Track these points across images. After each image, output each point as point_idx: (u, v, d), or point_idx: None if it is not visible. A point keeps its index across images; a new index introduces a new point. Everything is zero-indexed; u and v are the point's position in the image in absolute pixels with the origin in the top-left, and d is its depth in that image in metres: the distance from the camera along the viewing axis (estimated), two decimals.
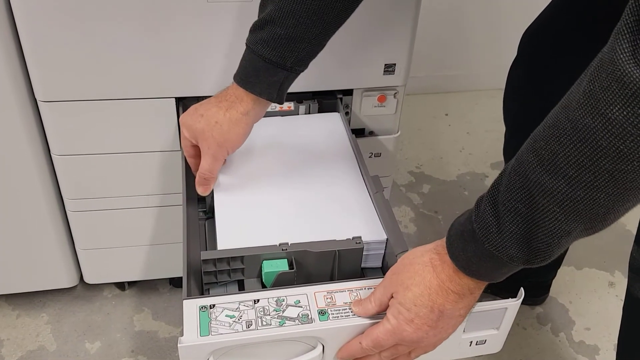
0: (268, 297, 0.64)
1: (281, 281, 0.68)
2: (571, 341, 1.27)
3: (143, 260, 1.19)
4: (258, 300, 0.64)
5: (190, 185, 0.83)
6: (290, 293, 0.65)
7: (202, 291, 0.71)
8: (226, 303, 0.63)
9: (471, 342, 0.68)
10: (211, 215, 0.82)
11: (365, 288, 0.66)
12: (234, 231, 0.74)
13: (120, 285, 1.29)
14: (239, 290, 0.71)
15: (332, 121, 0.98)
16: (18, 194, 1.04)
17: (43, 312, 1.24)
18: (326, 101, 1.01)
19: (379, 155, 1.12)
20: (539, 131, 0.49)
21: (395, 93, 1.05)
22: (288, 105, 0.98)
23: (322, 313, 0.63)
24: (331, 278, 0.72)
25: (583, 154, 0.45)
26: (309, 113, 1.00)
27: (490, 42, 1.98)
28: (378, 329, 0.60)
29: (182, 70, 0.93)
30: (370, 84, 1.03)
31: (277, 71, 0.74)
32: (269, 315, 0.62)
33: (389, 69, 1.01)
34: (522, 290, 0.65)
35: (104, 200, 1.07)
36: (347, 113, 1.05)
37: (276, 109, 0.98)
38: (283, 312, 0.62)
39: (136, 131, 0.99)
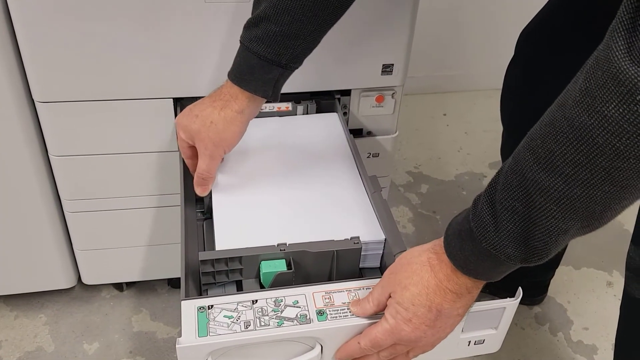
0: (266, 298, 0.64)
1: (279, 281, 0.68)
2: (569, 341, 1.27)
3: (141, 261, 1.18)
4: (256, 300, 0.64)
5: (188, 185, 0.83)
6: (288, 293, 0.65)
7: (201, 292, 0.71)
8: (224, 304, 0.63)
9: (469, 342, 0.68)
10: (209, 215, 0.82)
11: (363, 288, 0.66)
12: (232, 232, 0.74)
13: (118, 286, 1.29)
14: (237, 290, 0.71)
15: (330, 121, 0.98)
16: (16, 195, 1.04)
17: (41, 313, 1.24)
18: (324, 101, 1.01)
19: (377, 155, 1.12)
20: (536, 130, 0.49)
21: (393, 93, 1.05)
22: (286, 105, 0.98)
23: (321, 313, 0.63)
24: (329, 278, 0.72)
25: (579, 152, 0.45)
26: (307, 113, 1.00)
27: (488, 42, 1.98)
28: (376, 329, 0.60)
29: (180, 70, 0.93)
30: (368, 84, 1.03)
31: (272, 68, 0.73)
32: (267, 315, 0.62)
33: (387, 69, 1.01)
34: (520, 289, 0.65)
35: (102, 201, 1.07)
36: (345, 113, 1.05)
37: (274, 110, 0.98)
38: (281, 313, 0.62)
39: (134, 132, 0.99)
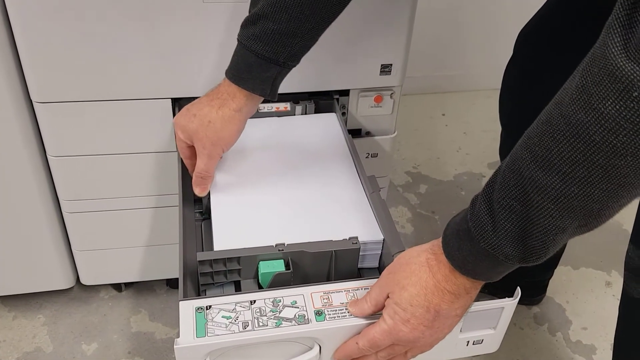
0: (264, 298, 0.64)
1: (278, 282, 0.68)
2: (568, 341, 1.27)
3: (140, 261, 1.18)
4: (254, 301, 0.63)
5: (186, 186, 0.83)
6: (286, 294, 0.65)
7: (199, 292, 0.71)
8: (222, 304, 0.63)
9: (468, 342, 0.68)
10: (208, 216, 0.82)
11: (361, 288, 0.66)
12: (231, 232, 0.74)
13: (117, 286, 1.29)
14: (236, 291, 0.71)
15: (329, 122, 0.98)
16: (14, 196, 1.04)
17: (39, 314, 1.24)
18: (323, 102, 1.01)
19: (376, 155, 1.12)
20: (533, 128, 0.49)
21: (391, 93, 1.05)
22: (284, 105, 0.98)
23: (319, 313, 0.62)
24: (328, 278, 0.72)
25: (576, 150, 0.44)
26: (306, 114, 1.00)
27: (487, 42, 1.98)
28: (374, 329, 0.60)
29: (178, 70, 0.93)
30: (366, 85, 1.03)
31: (270, 66, 0.73)
32: (266, 316, 0.62)
33: (386, 70, 1.01)
34: (519, 289, 0.65)
35: (100, 201, 1.07)
36: (344, 113, 1.05)
37: (273, 110, 0.98)
38: (279, 313, 0.62)
39: (132, 132, 0.99)
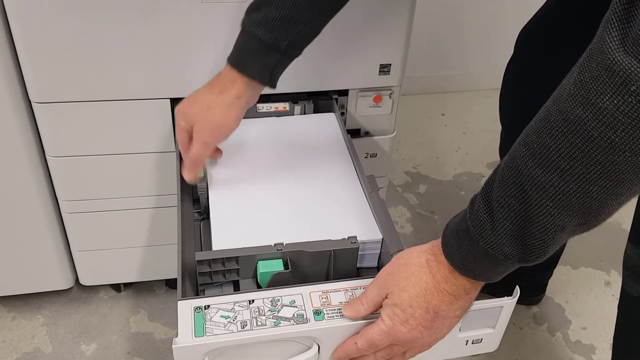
0: (263, 298, 0.64)
1: (276, 281, 0.68)
2: (567, 341, 1.27)
3: (139, 261, 1.18)
4: (253, 300, 0.63)
5: (185, 186, 0.83)
6: (285, 293, 0.65)
7: (197, 292, 0.71)
8: (221, 304, 0.63)
9: (467, 341, 0.68)
10: (206, 216, 0.82)
11: (360, 288, 0.66)
12: (229, 231, 0.74)
13: (116, 286, 1.29)
14: (234, 290, 0.71)
15: (328, 121, 0.98)
16: (13, 196, 1.04)
17: (39, 314, 1.24)
18: (322, 101, 1.01)
19: (375, 155, 1.12)
20: (531, 125, 0.49)
21: (390, 93, 1.05)
22: (283, 105, 0.98)
23: (318, 313, 0.62)
24: (327, 278, 0.72)
25: (575, 146, 0.44)
26: (305, 113, 1.00)
27: (486, 42, 1.98)
28: (373, 330, 0.60)
29: (177, 70, 0.93)
30: (365, 84, 1.03)
31: (271, 53, 0.73)
32: (264, 315, 0.62)
33: (385, 69, 1.01)
34: (518, 288, 0.65)
35: (99, 201, 1.07)
36: (343, 113, 1.05)
37: (272, 110, 0.98)
38: (278, 312, 0.62)
39: (131, 132, 0.99)
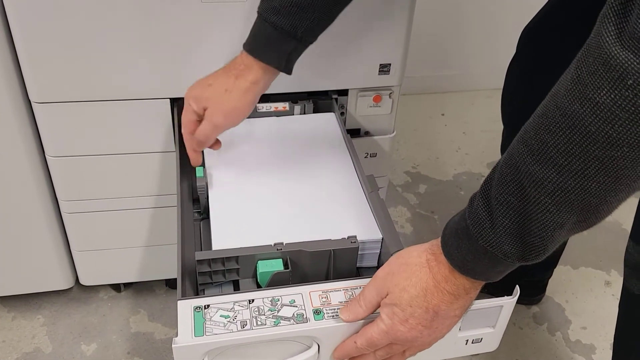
0: (263, 297, 0.64)
1: (276, 281, 0.68)
2: (567, 340, 1.27)
3: (139, 261, 1.18)
4: (253, 300, 0.63)
5: (184, 185, 0.83)
6: (285, 293, 0.65)
7: (197, 292, 0.71)
8: (221, 303, 0.63)
9: (467, 341, 0.68)
10: (206, 216, 0.81)
11: (360, 287, 0.66)
12: (229, 231, 0.74)
13: (116, 286, 1.29)
14: (234, 290, 0.71)
15: (328, 121, 0.98)
16: (13, 196, 1.04)
17: (39, 314, 1.24)
18: (321, 101, 1.01)
19: (375, 155, 1.12)
20: (530, 122, 0.49)
21: (390, 93, 1.05)
22: (283, 105, 0.98)
23: (317, 312, 0.62)
24: (327, 278, 0.72)
25: (572, 141, 0.44)
26: (304, 113, 1.00)
27: (486, 42, 1.98)
28: (372, 329, 0.60)
29: (177, 70, 0.93)
30: (365, 84, 1.03)
31: (287, 40, 0.74)
32: (264, 315, 0.62)
33: (384, 69, 1.01)
34: (518, 287, 0.65)
35: (99, 201, 1.07)
36: (343, 113, 1.05)
37: (272, 110, 0.98)
38: (278, 312, 0.62)
39: (131, 132, 0.99)
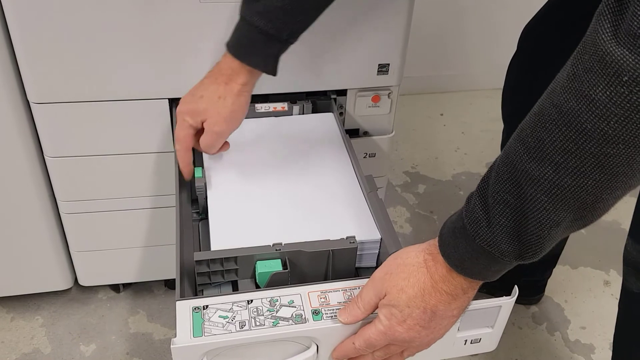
0: (261, 298, 0.64)
1: (275, 281, 0.68)
2: (567, 340, 1.27)
3: (138, 262, 1.18)
4: (251, 300, 0.63)
5: (183, 186, 0.83)
6: (283, 293, 0.64)
7: (196, 292, 0.71)
8: (219, 304, 0.63)
9: (466, 341, 0.68)
10: (205, 216, 0.81)
11: (359, 287, 0.66)
12: (228, 232, 0.74)
13: (115, 287, 1.29)
14: (233, 290, 0.71)
15: (326, 121, 0.98)
16: (11, 197, 1.04)
17: (37, 315, 1.24)
18: (320, 101, 1.01)
19: (374, 155, 1.12)
20: (526, 120, 0.49)
21: (389, 93, 1.05)
22: (282, 105, 0.98)
23: (316, 313, 0.62)
24: (325, 278, 0.72)
25: (568, 139, 0.44)
26: (303, 113, 1.00)
27: (485, 42, 1.98)
28: (370, 330, 0.60)
29: (176, 71, 0.93)
30: (364, 84, 1.03)
31: (273, 43, 0.74)
32: (263, 315, 0.62)
33: (383, 69, 1.01)
34: (516, 288, 0.65)
35: (98, 202, 1.06)
36: (341, 113, 1.05)
37: (270, 110, 0.98)
38: (277, 313, 0.62)
39: (129, 132, 0.99)
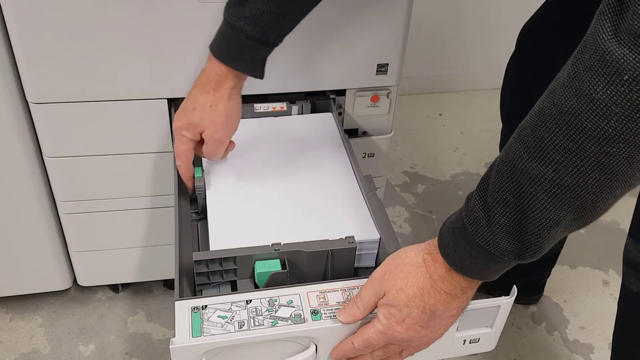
0: (260, 298, 0.64)
1: (274, 281, 0.68)
2: (566, 340, 1.27)
3: (137, 262, 1.18)
4: (250, 300, 0.63)
5: (182, 186, 0.83)
6: (282, 293, 0.65)
7: (195, 292, 0.71)
8: (218, 304, 0.63)
9: (465, 341, 0.68)
10: (203, 216, 0.81)
11: (358, 287, 0.66)
12: (227, 232, 0.74)
13: (114, 287, 1.29)
14: (232, 290, 0.71)
15: (325, 121, 0.98)
16: (10, 197, 1.03)
17: (36, 315, 1.24)
18: (319, 101, 1.01)
19: (373, 155, 1.12)
20: (526, 119, 0.49)
21: (388, 93, 1.05)
22: (281, 105, 0.98)
23: (315, 313, 0.62)
24: (324, 278, 0.72)
25: (569, 138, 0.44)
26: (302, 113, 1.00)
27: (484, 42, 1.98)
28: (369, 330, 0.60)
29: (174, 71, 0.93)
30: (363, 84, 1.03)
31: (260, 47, 0.74)
32: (262, 315, 0.62)
33: (382, 69, 1.01)
34: (515, 287, 0.65)
35: (97, 202, 1.06)
36: (340, 113, 1.05)
37: (269, 110, 0.98)
38: (275, 313, 0.62)
39: (128, 132, 0.99)
